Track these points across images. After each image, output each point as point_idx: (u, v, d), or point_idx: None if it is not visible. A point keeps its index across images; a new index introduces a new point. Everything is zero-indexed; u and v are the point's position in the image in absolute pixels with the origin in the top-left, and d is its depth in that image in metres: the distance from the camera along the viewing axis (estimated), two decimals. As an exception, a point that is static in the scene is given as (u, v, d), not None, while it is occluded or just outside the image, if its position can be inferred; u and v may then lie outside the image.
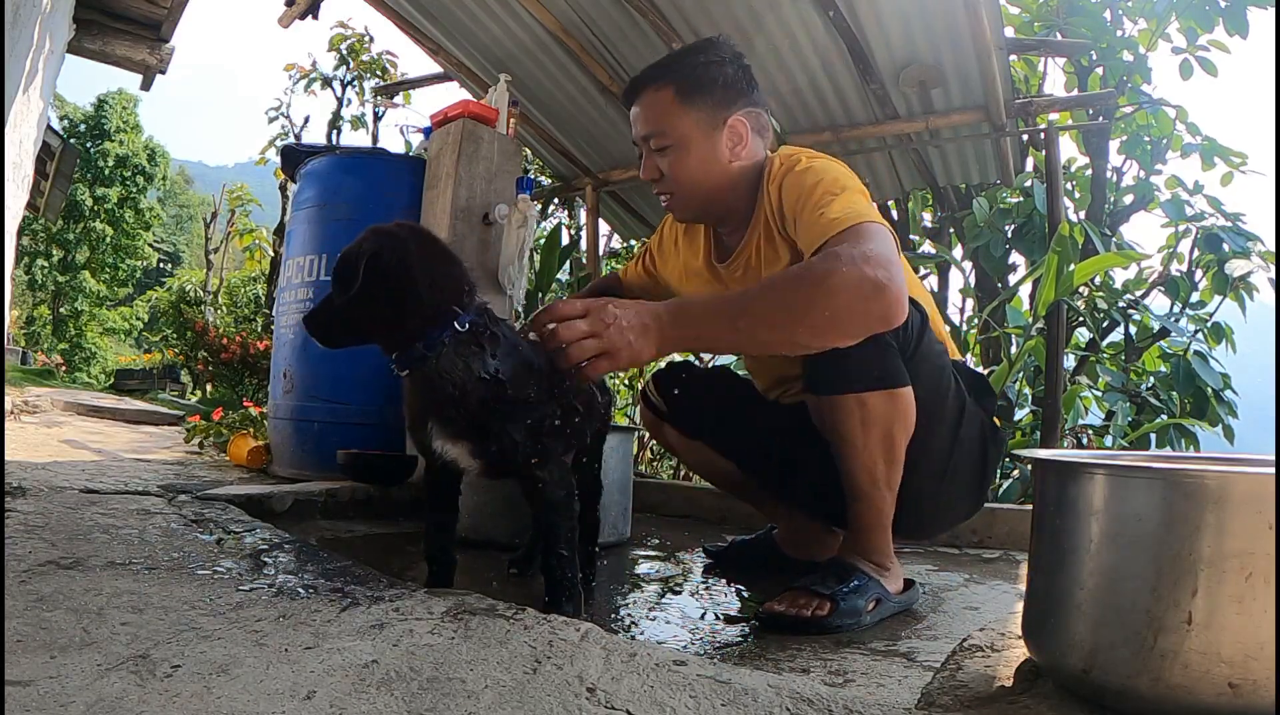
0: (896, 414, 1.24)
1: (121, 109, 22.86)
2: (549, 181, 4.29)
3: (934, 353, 1.33)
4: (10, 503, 1.45)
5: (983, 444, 1.41)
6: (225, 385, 6.36)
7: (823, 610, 1.19)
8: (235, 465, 2.74)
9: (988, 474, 1.45)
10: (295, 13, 3.25)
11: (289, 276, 2.57)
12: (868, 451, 1.24)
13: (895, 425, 1.24)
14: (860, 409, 1.22)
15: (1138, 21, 3.76)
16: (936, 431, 1.33)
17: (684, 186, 1.36)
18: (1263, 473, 0.71)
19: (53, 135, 5.60)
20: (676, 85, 1.33)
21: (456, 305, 1.02)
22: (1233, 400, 3.34)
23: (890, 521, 1.30)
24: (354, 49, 6.64)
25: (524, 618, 0.93)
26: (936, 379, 1.33)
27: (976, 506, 1.50)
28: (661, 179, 1.37)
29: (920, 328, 1.28)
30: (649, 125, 1.35)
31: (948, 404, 1.35)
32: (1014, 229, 3.66)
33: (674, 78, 1.33)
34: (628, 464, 1.97)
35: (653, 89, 1.34)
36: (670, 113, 1.33)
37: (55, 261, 22.06)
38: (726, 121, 1.34)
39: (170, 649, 0.79)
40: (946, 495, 1.42)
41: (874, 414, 1.22)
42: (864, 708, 0.72)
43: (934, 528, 1.53)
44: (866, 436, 1.23)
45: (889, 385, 1.23)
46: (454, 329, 1.01)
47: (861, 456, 1.25)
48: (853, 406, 1.23)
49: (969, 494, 1.46)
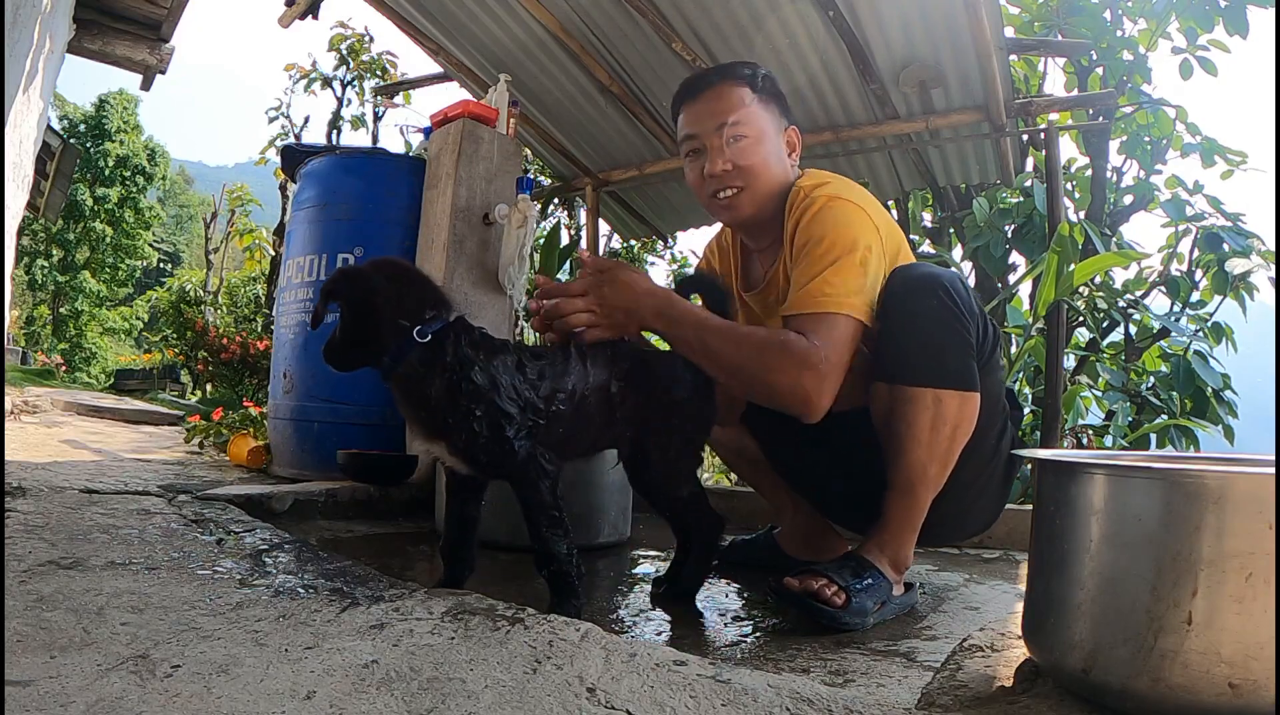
0: (964, 417, 1.26)
1: (122, 109, 22.86)
2: (549, 181, 4.29)
3: (998, 367, 1.38)
4: (10, 503, 1.45)
5: (1010, 461, 1.45)
6: (225, 385, 6.36)
7: (838, 599, 1.19)
8: (235, 465, 2.74)
9: (1007, 491, 1.48)
10: (295, 13, 3.24)
11: (289, 276, 2.57)
12: (929, 448, 1.25)
13: (960, 428, 1.26)
14: (935, 405, 1.24)
15: (1138, 21, 3.76)
16: (982, 445, 1.35)
17: (758, 178, 1.39)
18: (1263, 473, 0.71)
19: (53, 135, 5.60)
20: (752, 84, 1.40)
21: (420, 321, 1.15)
22: (1233, 400, 3.34)
23: (920, 525, 1.30)
24: (354, 49, 6.64)
25: (524, 618, 0.93)
26: (997, 393, 1.37)
27: (994, 518, 1.51)
28: (731, 173, 1.39)
29: (995, 341, 1.34)
30: (729, 113, 1.37)
31: (998, 421, 1.39)
32: (1014, 229, 3.66)
33: (748, 79, 1.40)
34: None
35: (730, 83, 1.39)
36: (750, 106, 1.38)
37: (55, 261, 22.06)
38: (785, 128, 1.44)
39: (170, 649, 0.79)
40: (968, 507, 1.44)
41: (946, 412, 1.24)
42: (864, 708, 0.72)
43: (944, 538, 1.56)
44: (933, 433, 1.25)
45: (965, 387, 1.25)
46: (415, 341, 1.14)
47: (920, 451, 1.25)
48: (929, 401, 1.24)
49: (988, 509, 1.48)
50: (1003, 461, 1.43)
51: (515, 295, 2.38)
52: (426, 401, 1.14)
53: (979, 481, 1.40)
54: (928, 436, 1.24)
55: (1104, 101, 3.19)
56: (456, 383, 1.13)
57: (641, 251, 7.04)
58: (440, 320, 1.17)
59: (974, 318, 1.28)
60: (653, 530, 2.15)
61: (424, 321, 1.15)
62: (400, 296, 1.16)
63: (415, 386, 1.15)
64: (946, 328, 1.24)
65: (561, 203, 4.97)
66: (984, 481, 1.41)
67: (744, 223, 1.48)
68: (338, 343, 1.20)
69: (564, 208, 5.49)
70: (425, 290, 1.20)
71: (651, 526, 2.19)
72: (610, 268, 1.32)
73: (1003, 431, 1.41)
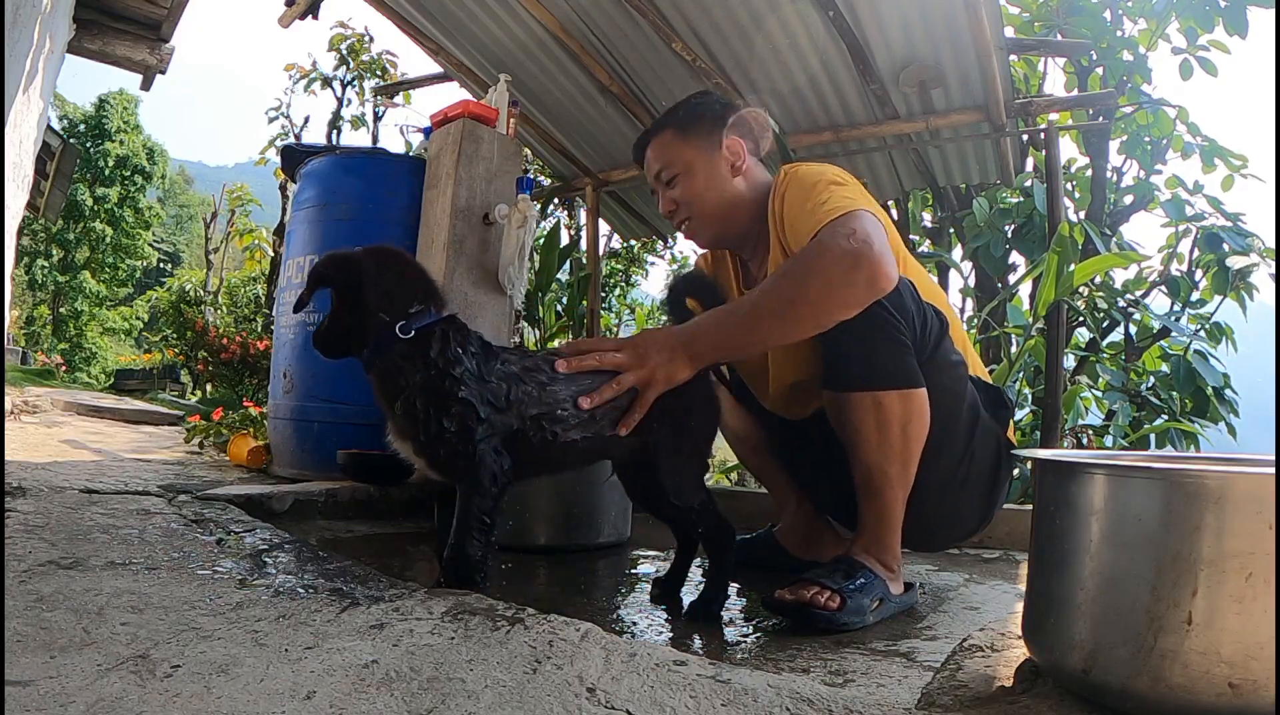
0: (911, 414, 1.25)
1: (121, 109, 22.86)
2: (549, 181, 4.29)
3: (950, 362, 1.35)
4: (10, 503, 1.45)
5: (996, 459, 1.42)
6: (225, 385, 6.36)
7: (833, 603, 1.19)
8: (235, 465, 2.73)
9: (998, 490, 1.45)
10: (295, 13, 3.24)
11: (289, 276, 2.57)
12: (881, 450, 1.25)
13: (910, 426, 1.25)
14: (876, 407, 1.24)
15: (1138, 21, 3.77)
16: (948, 441, 1.34)
17: (697, 207, 1.48)
18: (1263, 473, 0.71)
19: (53, 135, 5.60)
20: (673, 127, 1.50)
21: (405, 316, 1.13)
22: (1233, 399, 3.34)
23: (900, 523, 1.30)
24: (354, 49, 6.64)
25: (524, 618, 0.93)
26: (952, 387, 1.35)
27: (983, 522, 1.49)
28: (678, 209, 1.50)
29: (938, 334, 1.32)
30: (658, 164, 1.51)
31: (962, 415, 1.36)
32: (1014, 229, 3.66)
33: (670, 122, 1.51)
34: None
35: (656, 137, 1.52)
36: (672, 147, 1.49)
37: (55, 261, 22.05)
38: (722, 143, 1.47)
39: (170, 649, 0.79)
40: (953, 507, 1.42)
41: (888, 413, 1.24)
42: (864, 708, 0.72)
43: (938, 540, 1.54)
44: (881, 435, 1.25)
45: (904, 385, 1.25)
46: (397, 336, 1.12)
47: (875, 455, 1.26)
48: (869, 404, 1.25)
49: (976, 508, 1.45)
50: (982, 459, 1.40)
51: (515, 295, 2.38)
52: (399, 398, 1.12)
53: (956, 480, 1.38)
54: (876, 439, 1.25)
55: (1104, 101, 3.19)
56: (428, 383, 1.10)
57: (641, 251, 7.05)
58: (429, 315, 1.15)
59: (909, 315, 1.26)
60: (653, 530, 2.14)
61: (409, 316, 1.13)
62: (388, 288, 1.14)
63: (391, 381, 1.13)
64: (876, 330, 1.24)
65: (561, 203, 4.97)
66: (962, 480, 1.38)
67: (714, 241, 1.56)
68: (325, 329, 1.17)
69: (564, 208, 5.49)
70: (415, 282, 1.17)
71: (651, 526, 2.19)
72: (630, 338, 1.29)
73: (973, 427, 1.38)
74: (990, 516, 1.48)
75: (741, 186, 1.48)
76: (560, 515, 1.82)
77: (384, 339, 1.12)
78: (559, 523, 1.82)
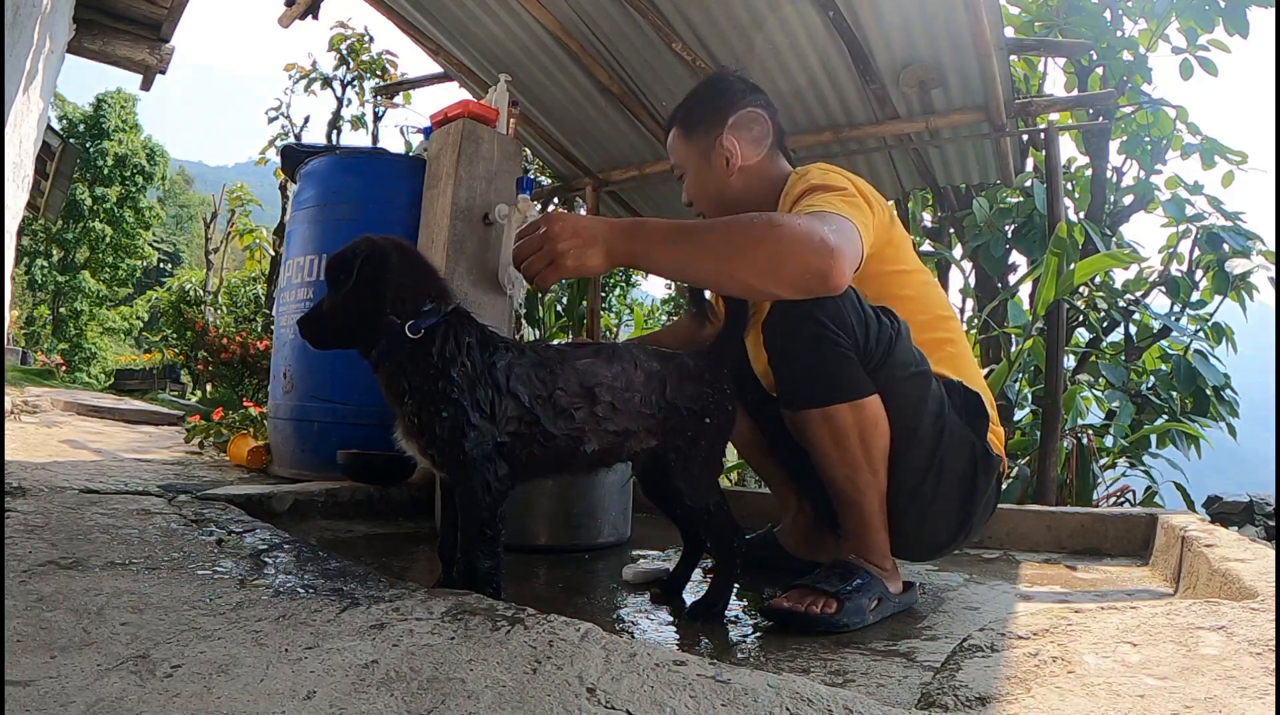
0: (865, 421, 1.24)
1: (121, 109, 22.87)
2: (549, 181, 4.29)
3: (906, 365, 1.30)
4: (10, 503, 1.45)
5: (971, 466, 1.36)
6: (225, 385, 6.37)
7: (830, 608, 1.20)
8: (235, 465, 2.73)
9: (975, 499, 1.38)
10: (295, 13, 3.25)
11: (289, 276, 2.57)
12: (844, 462, 1.26)
13: (868, 433, 1.25)
14: (828, 421, 1.24)
15: (1138, 21, 3.77)
16: (913, 446, 1.30)
17: (700, 202, 1.59)
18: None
19: (53, 135, 5.60)
20: (679, 124, 1.60)
21: (416, 313, 1.13)
22: (1233, 399, 3.34)
23: (883, 523, 1.29)
24: (354, 49, 6.65)
25: (524, 618, 0.93)
26: (911, 392, 1.30)
27: (960, 531, 1.40)
28: (691, 203, 1.61)
29: (890, 341, 1.27)
30: (672, 159, 1.64)
31: (924, 420, 1.31)
32: (1014, 229, 3.66)
33: (677, 118, 1.61)
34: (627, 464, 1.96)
35: (669, 133, 1.63)
36: (678, 147, 1.60)
37: (55, 261, 22.07)
38: (719, 143, 1.52)
39: (170, 649, 0.79)
40: (922, 514, 1.35)
41: (842, 424, 1.24)
42: (864, 708, 0.72)
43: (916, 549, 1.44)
44: (840, 449, 1.25)
45: (851, 396, 1.24)
46: (406, 335, 1.11)
47: (839, 467, 1.26)
48: (820, 420, 1.25)
49: (952, 516, 1.38)
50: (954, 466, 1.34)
51: (515, 295, 2.38)
52: (405, 397, 1.12)
53: (925, 487, 1.32)
54: (836, 453, 1.26)
55: (1104, 101, 3.19)
56: (434, 380, 1.10)
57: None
58: (437, 313, 1.14)
59: (848, 328, 1.23)
60: (653, 530, 2.14)
61: (420, 315, 1.13)
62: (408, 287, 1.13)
63: (399, 380, 1.13)
64: (816, 347, 1.22)
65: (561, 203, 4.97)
66: (933, 485, 1.32)
67: None
68: (325, 317, 1.15)
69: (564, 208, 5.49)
70: (429, 282, 1.17)
71: (651, 526, 2.19)
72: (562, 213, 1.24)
73: (940, 433, 1.32)
74: (969, 525, 1.40)
75: (738, 185, 1.51)
76: (560, 515, 1.82)
77: (394, 340, 1.12)
78: (559, 523, 1.82)
